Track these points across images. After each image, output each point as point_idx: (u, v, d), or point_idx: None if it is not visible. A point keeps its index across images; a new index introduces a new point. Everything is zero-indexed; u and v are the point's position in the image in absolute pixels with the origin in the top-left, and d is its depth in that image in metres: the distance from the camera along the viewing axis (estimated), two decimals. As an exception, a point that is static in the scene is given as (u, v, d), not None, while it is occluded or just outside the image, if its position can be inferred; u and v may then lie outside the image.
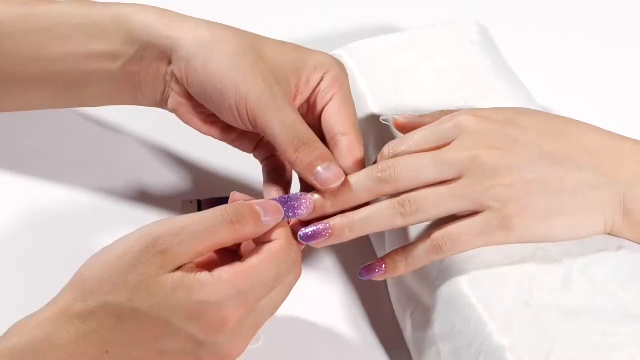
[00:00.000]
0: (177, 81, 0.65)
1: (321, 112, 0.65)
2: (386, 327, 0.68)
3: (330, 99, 0.65)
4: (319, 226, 0.60)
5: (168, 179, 0.78)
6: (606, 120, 0.64)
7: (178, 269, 0.55)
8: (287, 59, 0.65)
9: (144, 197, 0.76)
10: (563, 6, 0.97)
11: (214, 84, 0.62)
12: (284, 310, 0.68)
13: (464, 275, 0.59)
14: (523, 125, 0.61)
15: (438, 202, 0.59)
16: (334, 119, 0.64)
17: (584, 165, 0.60)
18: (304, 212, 0.60)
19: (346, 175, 0.61)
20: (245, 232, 0.57)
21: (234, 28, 0.65)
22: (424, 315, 0.62)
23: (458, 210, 0.60)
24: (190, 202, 0.74)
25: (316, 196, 0.61)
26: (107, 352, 0.54)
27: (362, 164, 0.63)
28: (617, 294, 0.57)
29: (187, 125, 0.68)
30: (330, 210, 0.60)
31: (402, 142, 0.62)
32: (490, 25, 0.79)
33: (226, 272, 0.55)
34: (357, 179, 0.61)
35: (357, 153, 0.63)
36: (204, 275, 0.55)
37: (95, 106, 0.71)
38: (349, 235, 0.60)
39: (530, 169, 0.59)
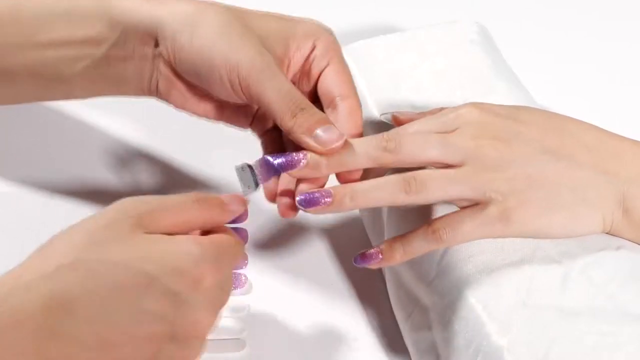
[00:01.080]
0: (165, 62, 0.64)
1: (317, 78, 0.65)
2: (385, 327, 0.68)
3: (327, 64, 0.64)
4: (320, 192, 0.59)
5: (167, 181, 0.78)
6: (606, 120, 0.64)
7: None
8: (275, 28, 0.64)
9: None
10: (563, 6, 0.97)
11: (202, 58, 0.62)
12: (283, 309, 0.68)
13: (463, 275, 0.59)
14: (524, 121, 0.61)
15: (444, 185, 0.59)
16: (332, 82, 0.64)
17: (584, 162, 0.60)
18: (298, 166, 0.59)
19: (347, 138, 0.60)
20: (212, 213, 0.56)
21: (217, 2, 0.64)
22: (423, 315, 0.62)
23: (461, 197, 0.59)
24: None
25: (311, 154, 0.59)
26: (71, 311, 0.48)
27: (362, 128, 0.63)
28: (616, 294, 0.57)
29: (181, 119, 0.67)
30: (324, 169, 0.59)
31: (403, 129, 0.62)
32: (490, 25, 0.79)
33: (202, 237, 0.54)
34: (360, 143, 0.60)
35: (357, 116, 0.63)
36: (182, 236, 0.53)
37: (80, 98, 0.70)
38: (349, 205, 0.59)
39: (532, 164, 0.59)
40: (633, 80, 0.88)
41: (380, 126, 0.69)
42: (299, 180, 0.61)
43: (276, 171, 0.59)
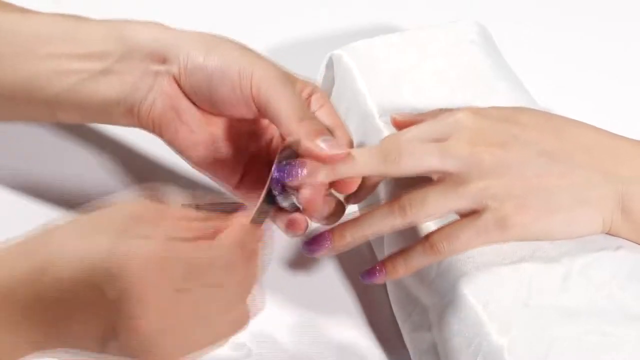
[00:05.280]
0: (171, 79, 0.63)
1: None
2: (386, 328, 0.68)
3: (322, 105, 0.65)
4: (321, 236, 0.61)
5: (167, 182, 0.78)
6: (606, 120, 0.64)
7: None
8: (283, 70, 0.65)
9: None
10: (563, 6, 0.97)
11: (217, 68, 0.61)
12: (282, 310, 0.68)
13: (463, 275, 0.59)
14: (522, 123, 0.61)
15: (439, 202, 0.59)
16: (326, 118, 0.64)
17: (582, 163, 0.60)
18: (301, 173, 0.58)
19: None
20: None
21: None
22: (423, 315, 0.62)
23: (458, 209, 0.60)
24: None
25: (310, 161, 0.59)
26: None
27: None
28: (615, 294, 0.57)
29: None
30: (323, 176, 0.59)
31: (401, 135, 0.62)
32: (490, 25, 0.79)
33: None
34: (361, 153, 0.60)
35: (350, 142, 0.63)
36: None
37: (63, 120, 0.69)
38: (350, 243, 0.61)
39: (529, 167, 0.59)
40: (633, 80, 0.88)
41: (379, 128, 0.69)
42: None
43: (278, 181, 0.59)
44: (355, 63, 0.75)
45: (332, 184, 0.61)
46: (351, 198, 0.64)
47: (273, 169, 0.59)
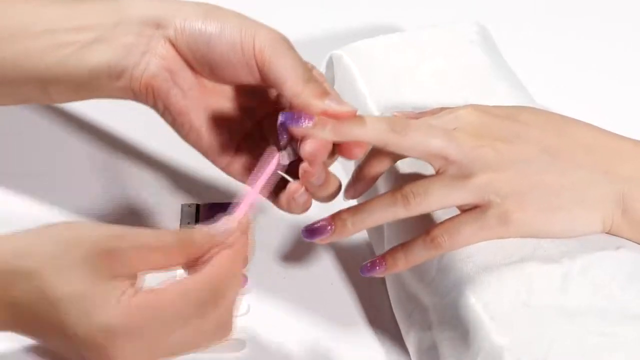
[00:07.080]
0: (167, 41, 0.61)
1: None
2: (385, 327, 0.68)
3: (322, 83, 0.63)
4: (322, 222, 0.60)
5: (168, 181, 0.78)
6: (606, 120, 0.64)
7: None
8: None
9: (143, 199, 0.76)
10: (563, 6, 0.97)
11: (215, 27, 0.60)
12: (282, 309, 0.68)
13: (463, 274, 0.59)
14: (524, 121, 0.61)
15: (441, 194, 0.59)
16: None
17: (583, 163, 0.60)
18: (308, 123, 0.58)
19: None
20: (198, 252, 0.54)
21: None
22: (423, 315, 0.62)
23: (461, 203, 0.60)
24: (189, 205, 0.74)
25: (322, 117, 0.58)
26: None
27: None
28: (616, 294, 0.57)
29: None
30: (329, 132, 0.58)
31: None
32: (490, 25, 0.79)
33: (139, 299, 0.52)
34: (369, 118, 0.60)
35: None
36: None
37: (56, 98, 0.67)
38: (351, 230, 0.60)
39: (531, 164, 0.59)
40: (633, 80, 0.88)
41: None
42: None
43: (287, 127, 0.58)
44: (355, 63, 0.75)
45: (338, 148, 0.60)
46: (350, 191, 0.64)
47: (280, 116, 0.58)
